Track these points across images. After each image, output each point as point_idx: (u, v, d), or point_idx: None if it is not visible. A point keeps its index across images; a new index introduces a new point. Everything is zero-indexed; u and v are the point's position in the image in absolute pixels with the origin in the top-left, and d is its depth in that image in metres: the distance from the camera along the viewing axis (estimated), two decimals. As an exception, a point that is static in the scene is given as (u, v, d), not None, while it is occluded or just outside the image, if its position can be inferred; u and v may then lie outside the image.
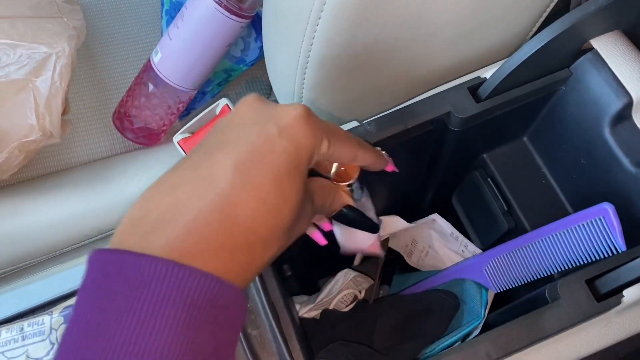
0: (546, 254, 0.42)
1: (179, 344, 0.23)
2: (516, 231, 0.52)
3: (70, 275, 0.44)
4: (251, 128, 0.28)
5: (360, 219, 0.37)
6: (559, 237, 0.41)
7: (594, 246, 0.39)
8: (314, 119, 0.29)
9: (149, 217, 0.26)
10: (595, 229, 0.39)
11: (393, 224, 0.62)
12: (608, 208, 0.38)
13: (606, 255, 0.39)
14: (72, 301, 0.42)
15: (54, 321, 0.41)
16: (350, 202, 0.37)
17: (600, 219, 0.39)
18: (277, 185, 0.27)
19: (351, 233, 0.42)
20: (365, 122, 0.47)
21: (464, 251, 0.61)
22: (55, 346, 0.40)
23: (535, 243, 0.43)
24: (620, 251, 0.38)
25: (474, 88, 0.46)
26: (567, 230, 0.41)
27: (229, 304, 0.25)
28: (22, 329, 0.40)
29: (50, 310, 0.42)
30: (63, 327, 0.40)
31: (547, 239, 0.42)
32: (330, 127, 0.31)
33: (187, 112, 0.73)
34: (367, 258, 0.61)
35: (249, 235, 0.27)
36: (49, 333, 0.40)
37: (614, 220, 0.38)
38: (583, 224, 0.40)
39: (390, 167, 0.39)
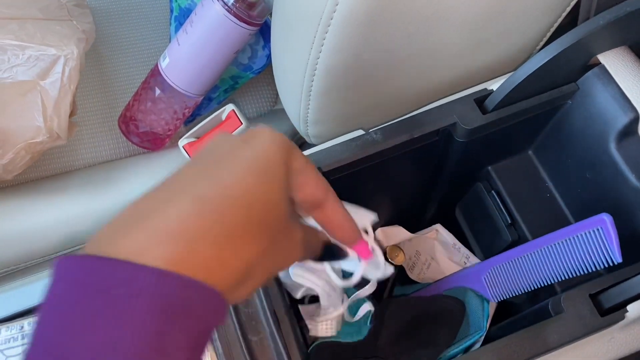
0: (544, 264, 0.42)
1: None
2: (519, 244, 0.52)
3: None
4: (214, 146, 0.28)
5: (339, 250, 0.35)
6: (557, 246, 0.41)
7: (591, 257, 0.39)
8: (279, 133, 0.29)
9: (114, 226, 0.25)
10: (593, 239, 0.39)
11: (396, 234, 0.61)
12: (606, 218, 0.38)
13: (603, 267, 0.39)
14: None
15: (54, 321, 0.40)
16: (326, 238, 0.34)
17: (598, 230, 0.39)
18: (242, 178, 0.26)
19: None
20: (371, 130, 0.47)
21: (465, 263, 0.61)
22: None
23: (534, 252, 0.43)
24: (616, 262, 0.38)
25: (480, 100, 0.47)
26: (565, 240, 0.41)
27: (193, 302, 0.23)
28: (22, 327, 0.40)
29: (51, 310, 0.42)
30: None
31: (546, 248, 0.42)
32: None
33: (192, 117, 0.73)
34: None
35: (220, 235, 0.24)
36: (49, 333, 0.40)
37: (611, 230, 0.38)
38: (581, 234, 0.40)
39: (363, 253, 0.35)
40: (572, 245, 0.40)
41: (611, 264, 0.38)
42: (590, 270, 0.40)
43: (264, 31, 0.69)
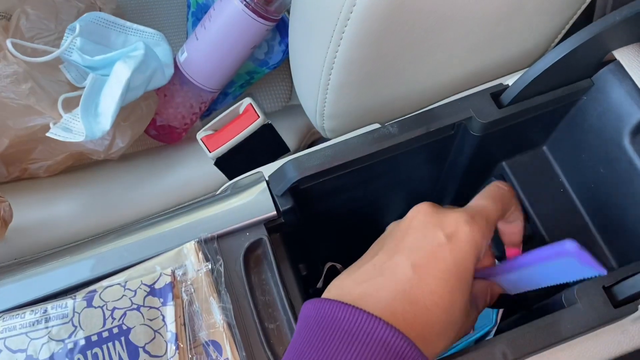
0: (529, 280, 0.41)
1: None
2: (533, 239, 0.53)
3: (92, 263, 0.45)
4: (423, 235, 0.35)
5: (511, 298, 0.43)
6: (537, 268, 0.39)
7: (574, 275, 0.38)
8: (475, 222, 0.35)
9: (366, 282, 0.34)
10: (569, 265, 0.37)
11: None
12: (572, 249, 0.35)
13: (590, 277, 0.37)
14: (94, 286, 0.43)
15: (77, 305, 0.41)
16: (501, 291, 0.42)
17: (570, 258, 0.36)
18: (448, 291, 0.33)
19: None
20: (387, 124, 0.47)
21: (478, 258, 0.61)
22: (78, 329, 0.40)
23: (515, 271, 0.41)
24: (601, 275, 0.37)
25: (496, 94, 0.47)
26: (541, 265, 0.39)
27: None
28: (45, 311, 0.41)
29: (73, 294, 0.43)
30: (86, 310, 0.41)
31: (526, 269, 0.40)
32: (488, 220, 0.37)
33: (208, 112, 0.74)
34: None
35: (425, 327, 0.32)
36: (72, 316, 0.41)
37: (583, 259, 0.36)
38: (554, 263, 0.37)
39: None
40: (549, 269, 0.38)
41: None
42: (578, 280, 0.39)
43: (280, 27, 0.70)
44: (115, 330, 0.41)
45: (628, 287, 0.40)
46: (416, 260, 0.34)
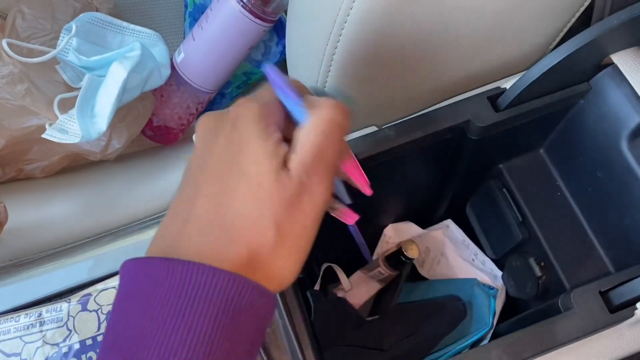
0: None
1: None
2: (530, 242, 0.53)
3: (87, 265, 0.45)
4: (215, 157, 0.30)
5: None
6: None
7: None
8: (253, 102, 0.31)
9: (169, 236, 0.29)
10: None
11: (407, 230, 0.62)
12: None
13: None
14: (89, 290, 0.43)
15: (71, 308, 0.41)
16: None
17: None
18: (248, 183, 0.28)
19: None
20: (384, 127, 0.47)
21: (473, 259, 0.61)
22: (72, 332, 0.40)
23: None
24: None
25: (493, 97, 0.47)
26: None
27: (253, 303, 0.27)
28: (40, 314, 0.41)
29: (68, 297, 0.42)
30: (80, 314, 0.41)
31: None
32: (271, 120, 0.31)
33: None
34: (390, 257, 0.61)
35: (250, 245, 0.28)
36: (67, 320, 0.41)
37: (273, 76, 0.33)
38: None
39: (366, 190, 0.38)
40: None
41: None
42: None
43: (277, 28, 0.70)
44: (110, 334, 0.40)
45: (625, 292, 0.40)
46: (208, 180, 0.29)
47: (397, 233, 0.62)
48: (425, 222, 0.63)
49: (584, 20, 0.50)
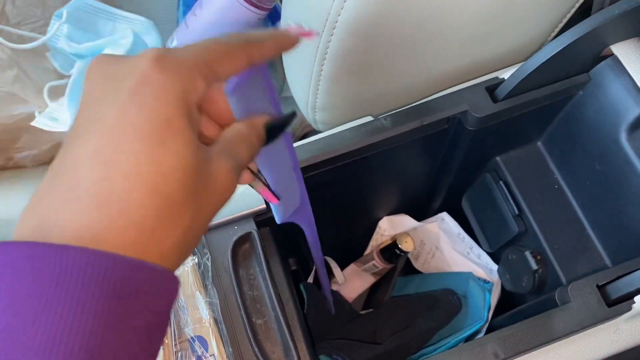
0: None
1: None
2: (526, 235, 0.52)
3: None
4: (104, 107, 0.24)
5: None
6: None
7: None
8: (169, 62, 0.24)
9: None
10: None
11: (402, 223, 0.61)
12: None
13: None
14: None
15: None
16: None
17: None
18: (149, 154, 0.23)
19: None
20: (381, 116, 0.46)
21: (469, 253, 0.60)
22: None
23: None
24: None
25: (491, 88, 0.46)
26: None
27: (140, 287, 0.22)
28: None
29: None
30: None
31: None
32: (199, 59, 0.25)
33: (199, 102, 0.73)
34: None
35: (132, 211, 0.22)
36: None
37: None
38: None
39: (307, 34, 0.30)
40: None
41: None
42: None
43: (272, 17, 0.69)
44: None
45: (622, 286, 0.40)
46: (96, 145, 0.24)
47: (392, 225, 0.61)
48: (420, 214, 0.62)
49: (584, 11, 0.49)
